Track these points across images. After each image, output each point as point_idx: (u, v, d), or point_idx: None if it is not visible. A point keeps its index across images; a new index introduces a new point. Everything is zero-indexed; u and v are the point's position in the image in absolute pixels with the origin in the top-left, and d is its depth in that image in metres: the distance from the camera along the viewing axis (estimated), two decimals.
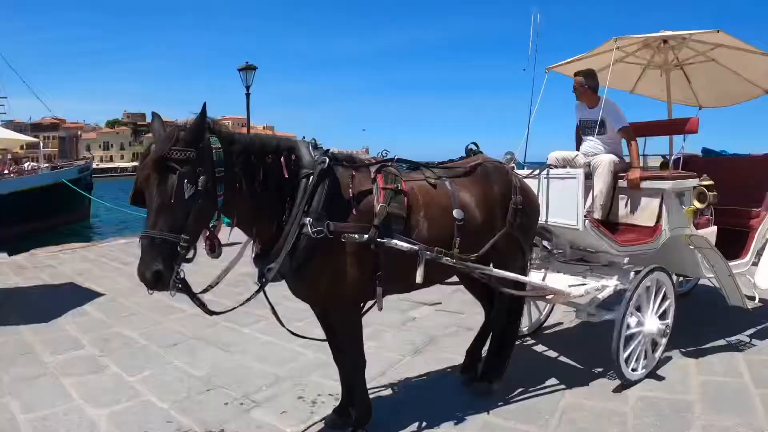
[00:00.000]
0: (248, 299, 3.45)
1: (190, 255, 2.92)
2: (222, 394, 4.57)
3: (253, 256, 3.47)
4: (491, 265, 3.99)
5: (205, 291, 3.22)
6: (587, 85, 5.42)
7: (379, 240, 3.33)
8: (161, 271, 2.79)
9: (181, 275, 2.94)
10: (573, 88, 5.52)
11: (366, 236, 3.29)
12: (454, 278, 4.38)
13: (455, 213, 3.72)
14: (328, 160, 3.33)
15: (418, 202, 3.64)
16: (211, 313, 3.33)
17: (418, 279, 3.51)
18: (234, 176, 3.05)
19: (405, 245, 3.41)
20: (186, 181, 2.79)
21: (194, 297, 3.16)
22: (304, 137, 3.56)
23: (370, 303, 3.76)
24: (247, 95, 17.65)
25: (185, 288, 3.05)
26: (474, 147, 4.41)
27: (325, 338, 3.96)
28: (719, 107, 7.32)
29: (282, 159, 3.27)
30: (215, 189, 2.95)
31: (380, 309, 3.59)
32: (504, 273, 4.04)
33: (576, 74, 5.51)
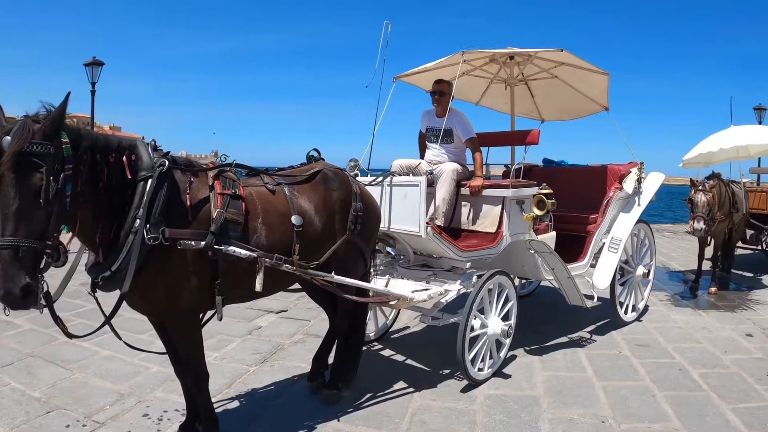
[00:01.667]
0: (110, 316, 3.28)
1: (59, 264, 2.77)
2: (63, 415, 4.33)
3: (88, 264, 3.32)
4: (333, 271, 4.07)
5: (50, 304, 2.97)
6: (449, 93, 5.63)
7: (216, 246, 3.29)
8: (31, 285, 2.57)
9: (45, 288, 2.77)
10: (434, 93, 5.70)
11: (202, 243, 3.24)
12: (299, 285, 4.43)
13: (294, 219, 3.76)
14: (167, 163, 3.26)
15: (256, 208, 3.64)
16: (71, 336, 3.18)
17: (258, 287, 3.50)
18: (80, 175, 2.88)
19: (243, 252, 3.40)
20: (52, 179, 2.61)
21: (56, 316, 3.00)
22: (143, 137, 3.45)
23: (210, 313, 3.72)
24: (93, 92, 17.05)
25: (49, 304, 2.87)
26: (315, 154, 4.47)
27: (165, 351, 3.87)
28: (560, 121, 7.93)
29: (124, 159, 3.16)
30: (65, 189, 2.75)
31: (220, 319, 3.55)
32: (345, 279, 4.12)
33: (440, 82, 5.71)
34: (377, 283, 4.82)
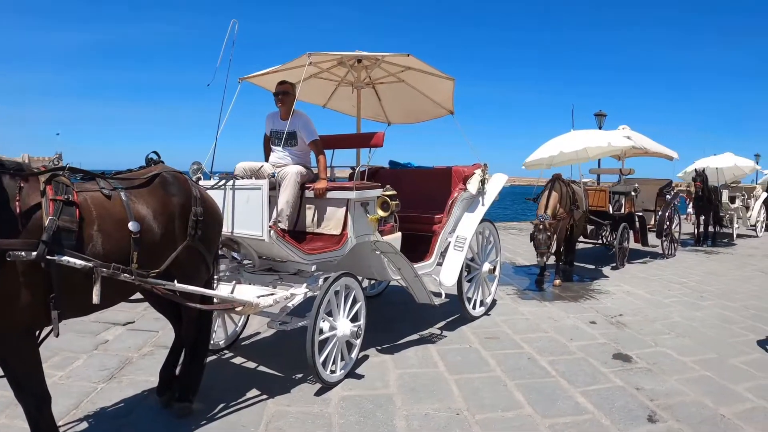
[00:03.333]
0: None
1: None
2: None
3: None
4: (174, 279, 4.06)
5: None
6: (293, 95, 5.78)
7: (48, 257, 3.20)
8: None
9: None
10: (277, 94, 5.81)
11: (34, 253, 3.14)
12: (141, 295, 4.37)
13: (131, 226, 3.71)
14: None
15: (91, 214, 3.56)
16: None
17: (95, 299, 3.43)
18: None
19: (78, 262, 3.32)
20: None
21: None
22: None
23: (48, 329, 3.57)
24: None
25: None
26: (155, 156, 4.43)
27: (2, 374, 3.69)
28: (406, 124, 8.36)
29: None
30: None
31: (57, 335, 3.42)
32: (187, 287, 4.12)
33: (284, 83, 5.84)
34: (222, 290, 4.85)
